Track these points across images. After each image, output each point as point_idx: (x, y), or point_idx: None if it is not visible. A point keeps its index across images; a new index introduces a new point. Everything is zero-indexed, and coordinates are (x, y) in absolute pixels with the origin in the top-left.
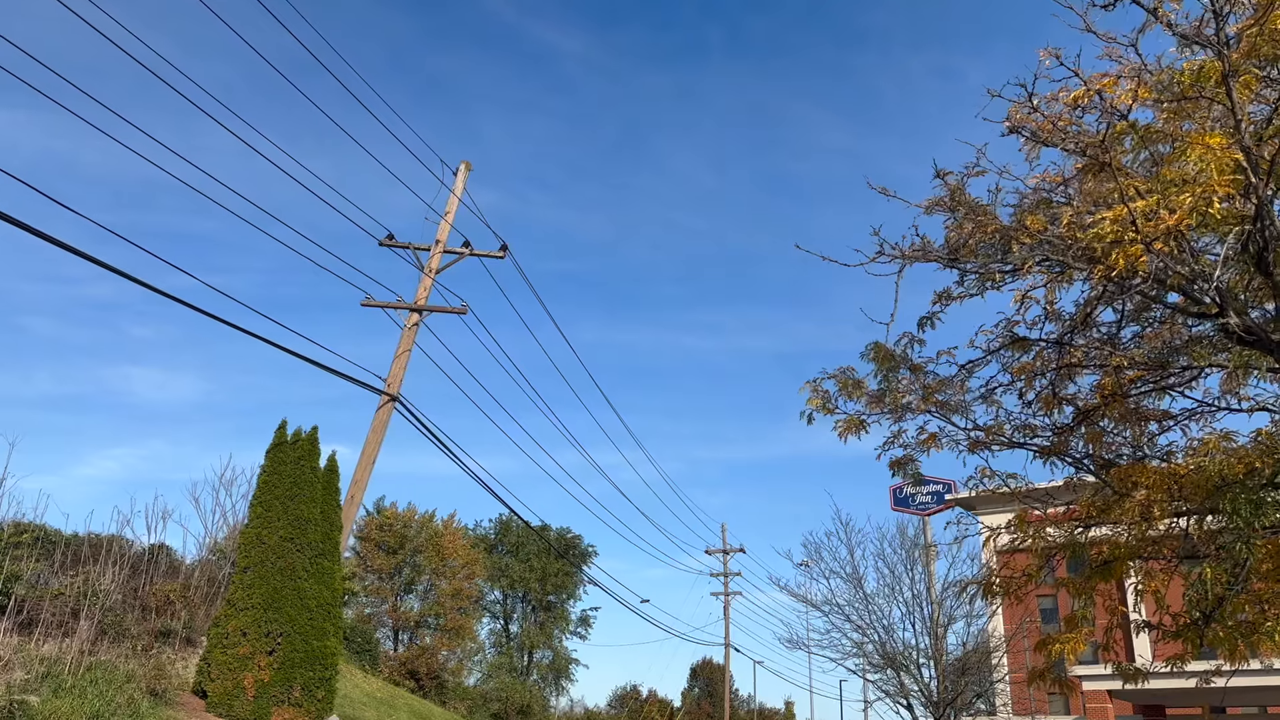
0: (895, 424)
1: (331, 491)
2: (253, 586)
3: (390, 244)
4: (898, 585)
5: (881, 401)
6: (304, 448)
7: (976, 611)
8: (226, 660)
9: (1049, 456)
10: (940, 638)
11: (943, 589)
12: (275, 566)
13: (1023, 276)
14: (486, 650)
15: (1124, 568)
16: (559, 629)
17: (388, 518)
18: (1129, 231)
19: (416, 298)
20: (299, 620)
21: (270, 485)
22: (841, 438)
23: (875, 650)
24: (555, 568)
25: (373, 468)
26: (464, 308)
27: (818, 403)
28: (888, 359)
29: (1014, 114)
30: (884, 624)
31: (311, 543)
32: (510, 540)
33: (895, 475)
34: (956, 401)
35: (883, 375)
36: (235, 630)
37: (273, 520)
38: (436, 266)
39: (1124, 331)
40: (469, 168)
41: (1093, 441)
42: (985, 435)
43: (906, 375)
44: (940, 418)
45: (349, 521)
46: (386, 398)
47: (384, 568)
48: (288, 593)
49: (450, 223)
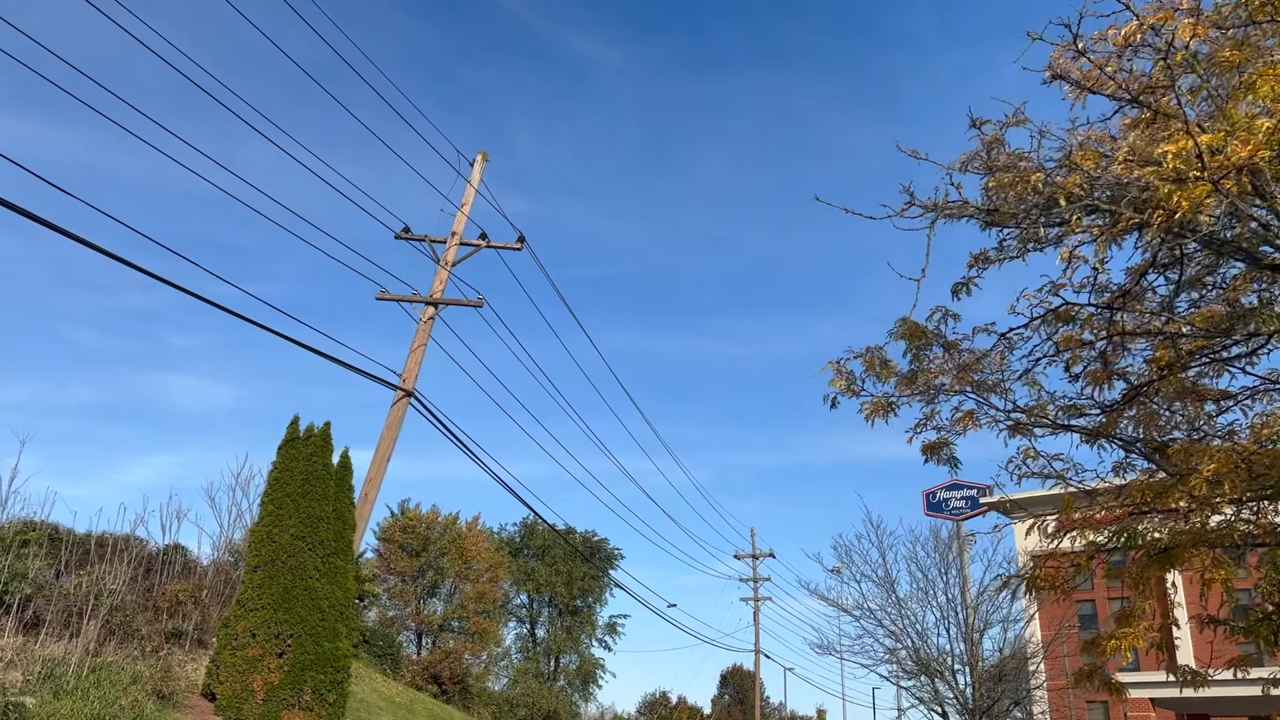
0: (928, 405)
1: (345, 489)
2: (263, 586)
3: (406, 237)
4: (931, 589)
5: (913, 383)
6: (316, 444)
7: (1013, 616)
8: (235, 662)
9: (1096, 440)
10: (976, 643)
11: (978, 593)
12: (286, 566)
13: (1071, 231)
14: (513, 655)
15: (1187, 555)
16: (585, 634)
17: (410, 519)
18: (1193, 168)
19: (432, 291)
20: (310, 621)
21: (281, 482)
22: (868, 421)
23: (909, 656)
24: (581, 571)
25: (387, 465)
26: (480, 300)
27: (842, 384)
28: (918, 336)
29: (1056, 59)
30: (917, 629)
31: (323, 541)
32: (536, 543)
33: (929, 460)
34: (994, 381)
35: (913, 354)
36: (245, 631)
37: (284, 518)
38: (453, 259)
39: (1180, 300)
40: (485, 158)
41: (1144, 423)
42: (1027, 417)
43: (939, 354)
44: (977, 398)
45: (363, 520)
46: (401, 393)
47: (407, 570)
48: (299, 593)
49: (467, 214)
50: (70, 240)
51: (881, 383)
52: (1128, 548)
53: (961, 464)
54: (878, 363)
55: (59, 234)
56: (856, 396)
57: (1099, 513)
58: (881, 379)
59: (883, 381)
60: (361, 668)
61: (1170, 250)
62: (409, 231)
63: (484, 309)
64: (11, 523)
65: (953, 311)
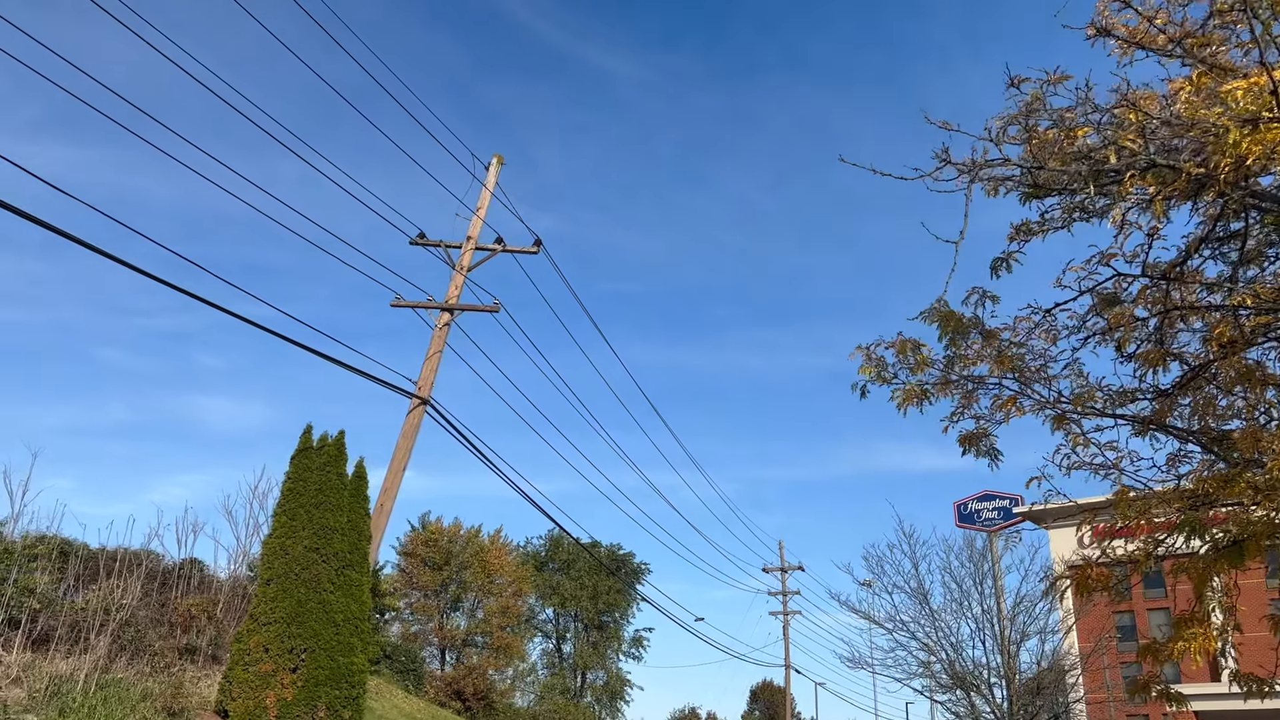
0: (960, 393)
1: (360, 499)
2: (276, 600)
3: (421, 242)
4: (966, 600)
5: (949, 373)
6: (330, 454)
7: (1050, 627)
8: (248, 678)
9: (1147, 430)
10: (1012, 655)
11: (1014, 603)
12: (300, 579)
13: (1123, 194)
14: (539, 670)
15: (1260, 548)
16: (612, 649)
17: (433, 533)
18: (1265, 107)
19: (447, 297)
20: (324, 635)
21: (295, 493)
22: (900, 409)
23: (943, 670)
24: (607, 585)
25: (403, 474)
26: (496, 305)
27: (871, 371)
28: (954, 323)
29: (1101, 12)
30: (952, 641)
31: (338, 553)
32: (561, 557)
33: (966, 452)
34: (1037, 367)
35: (948, 338)
36: (257, 646)
37: (297, 529)
38: (468, 264)
39: (1241, 275)
40: (501, 161)
41: (1201, 410)
42: (1073, 404)
43: (978, 340)
44: (1018, 383)
45: (379, 531)
46: (417, 401)
47: (429, 584)
48: (312, 606)
49: (482, 218)
50: (101, 259)
51: (914, 374)
52: (1191, 540)
53: (1003, 456)
54: (909, 348)
55: (95, 253)
56: (887, 384)
57: (1155, 505)
58: (914, 371)
59: (915, 373)
60: (382, 684)
61: (1235, 213)
62: (424, 237)
63: (500, 315)
64: (22, 537)
65: (990, 293)
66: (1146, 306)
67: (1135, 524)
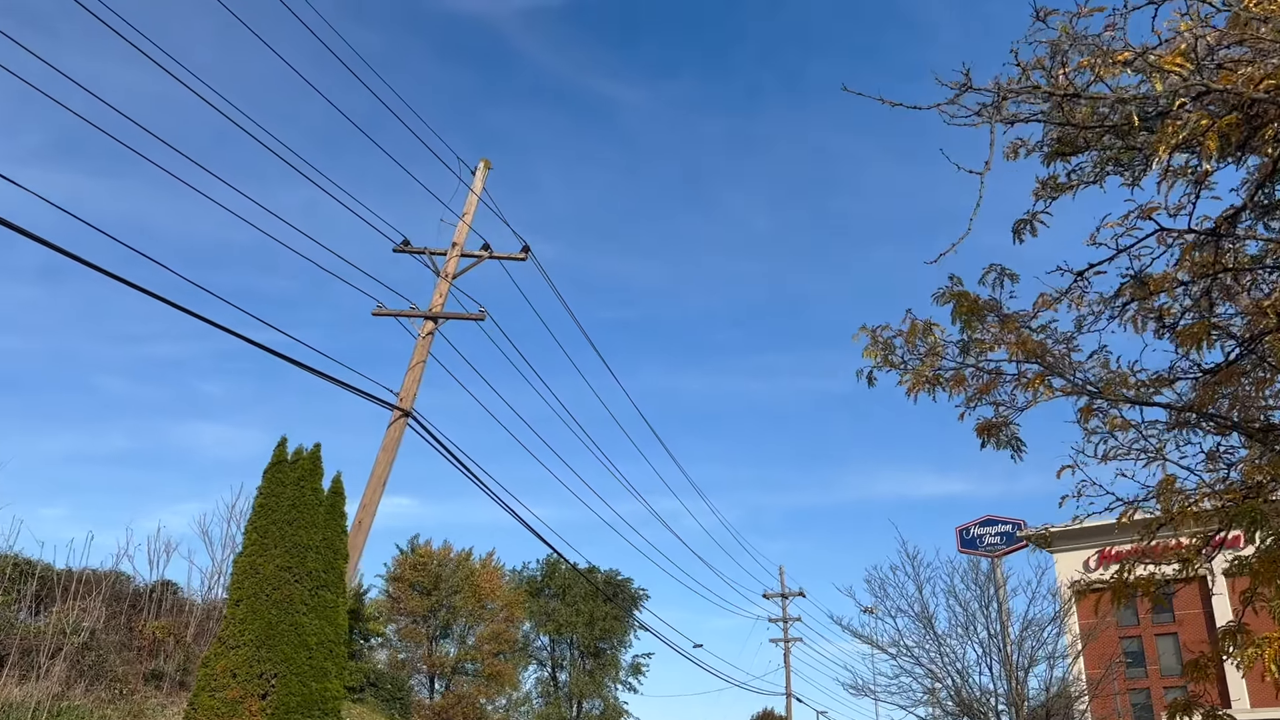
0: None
1: (337, 516)
2: (245, 621)
3: (405, 249)
4: (972, 624)
5: (964, 358)
6: (305, 467)
7: (1059, 652)
8: (214, 705)
9: (1183, 425)
10: (1020, 682)
11: (1022, 627)
12: (270, 599)
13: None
14: (533, 700)
15: None
16: (609, 677)
17: (422, 556)
18: None
19: (431, 305)
20: (296, 660)
21: (267, 509)
22: (910, 395)
23: (949, 696)
24: (604, 611)
25: (383, 490)
26: (482, 314)
27: (877, 354)
28: (968, 304)
29: None
30: (958, 667)
31: (312, 572)
32: (557, 583)
33: (985, 443)
34: (1061, 353)
35: (963, 321)
36: (224, 671)
37: (269, 547)
38: (453, 271)
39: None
40: (489, 166)
41: (1242, 403)
42: (1102, 392)
43: (995, 323)
44: (1039, 365)
45: (356, 550)
46: (399, 413)
47: (418, 610)
48: (284, 628)
49: (469, 224)
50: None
51: (922, 357)
52: (1251, 534)
53: (1026, 448)
54: (920, 331)
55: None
56: (895, 369)
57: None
58: (927, 363)
59: (926, 363)
60: (367, 712)
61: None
62: (408, 244)
63: (488, 325)
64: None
65: (1009, 270)
66: (1190, 270)
67: (1179, 516)
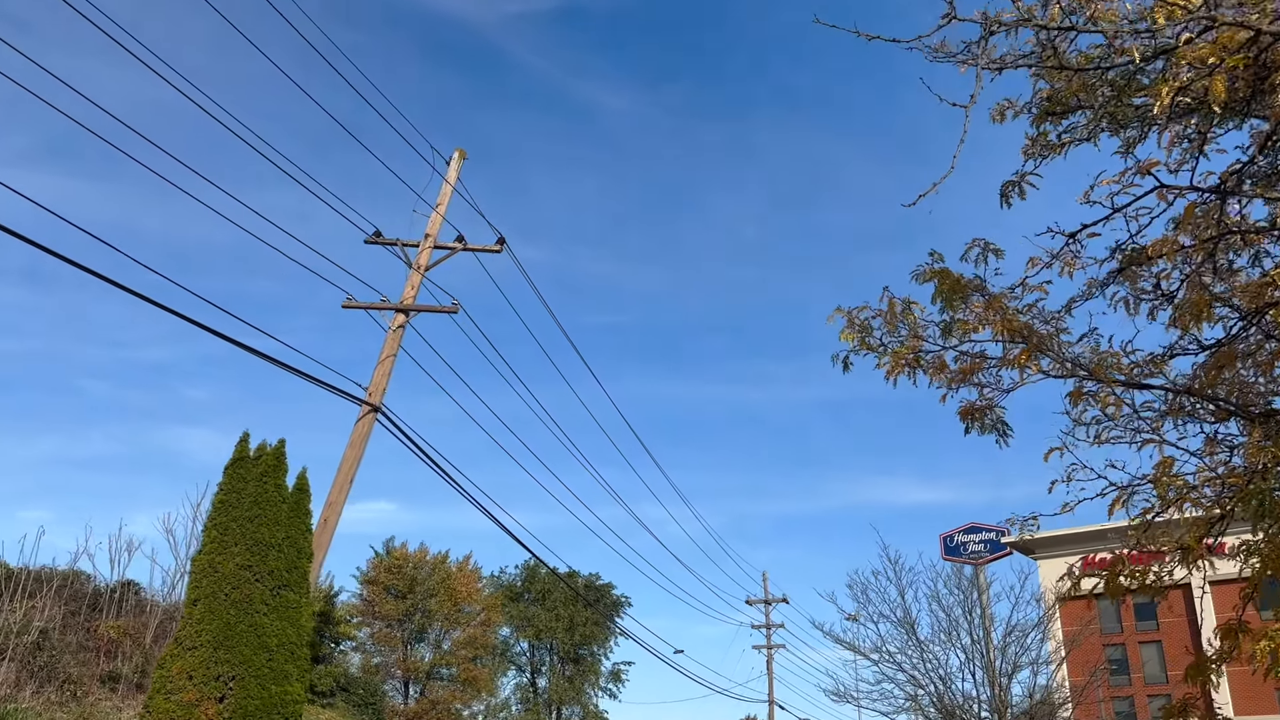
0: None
1: (300, 514)
2: (202, 622)
3: (377, 241)
4: (955, 630)
5: (946, 340)
6: (268, 463)
7: (1043, 658)
8: (170, 708)
9: (1180, 408)
10: (1003, 689)
11: (1005, 633)
12: (229, 599)
13: (1172, 71)
14: (512, 706)
15: None
16: (589, 684)
17: (396, 559)
18: None
19: (403, 297)
20: (255, 661)
21: (227, 505)
22: (889, 379)
23: (931, 703)
24: (584, 617)
25: (350, 487)
26: (455, 306)
27: (853, 336)
28: (951, 284)
29: None
30: (940, 674)
31: (273, 571)
32: (537, 588)
33: (969, 429)
34: (1049, 333)
35: (944, 299)
36: (180, 673)
37: (229, 545)
38: (426, 263)
39: None
40: (463, 155)
41: (1240, 389)
42: (1092, 374)
43: (979, 302)
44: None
45: (321, 549)
46: (367, 408)
47: (392, 613)
48: (243, 629)
49: (443, 215)
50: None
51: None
52: (1261, 517)
53: (1012, 432)
54: (898, 308)
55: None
56: (873, 352)
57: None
58: (907, 346)
59: (907, 345)
60: (336, 718)
61: None
62: (380, 236)
63: (461, 318)
64: None
65: (994, 245)
66: (1192, 233)
67: (1177, 502)
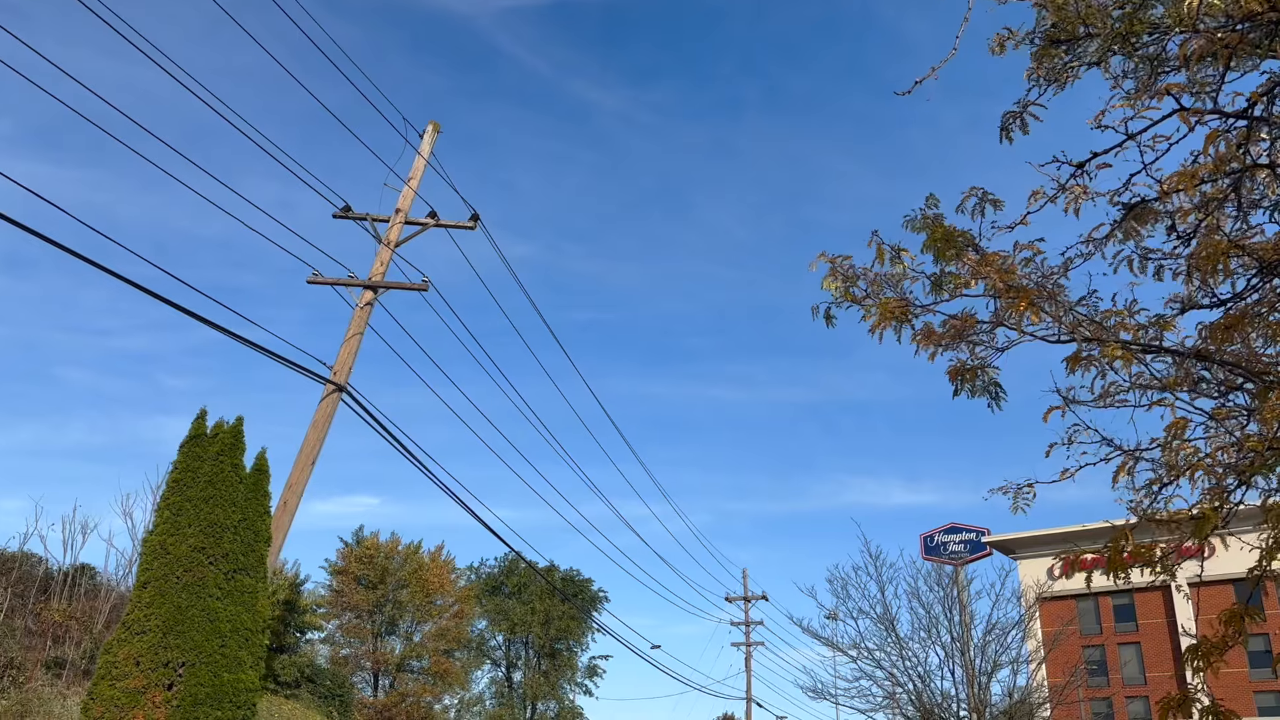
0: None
1: (259, 495)
2: (152, 605)
3: (346, 215)
4: (934, 628)
5: (938, 294)
6: (225, 442)
7: (1023, 657)
8: (114, 695)
9: (1189, 376)
10: (983, 688)
11: (985, 631)
12: (181, 582)
13: None
14: (486, 700)
15: None
16: (565, 679)
17: (367, 549)
18: None
19: (371, 274)
20: (207, 648)
21: (181, 484)
22: (874, 334)
23: (909, 701)
24: (560, 611)
25: (312, 469)
26: (425, 284)
27: (836, 285)
28: (944, 234)
29: None
30: (919, 672)
31: (228, 554)
32: (514, 581)
33: (959, 390)
34: (1050, 290)
35: (935, 253)
36: (127, 658)
37: (182, 526)
38: (396, 238)
39: None
40: (437, 129)
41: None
42: (1092, 335)
43: (974, 257)
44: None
45: (280, 532)
46: (331, 387)
47: (363, 604)
48: (195, 614)
49: (415, 189)
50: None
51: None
52: None
53: (1006, 396)
54: (888, 254)
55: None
56: (857, 304)
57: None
58: (895, 299)
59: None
60: (300, 709)
61: None
62: (350, 210)
63: (431, 296)
64: None
65: (992, 195)
66: (1214, 165)
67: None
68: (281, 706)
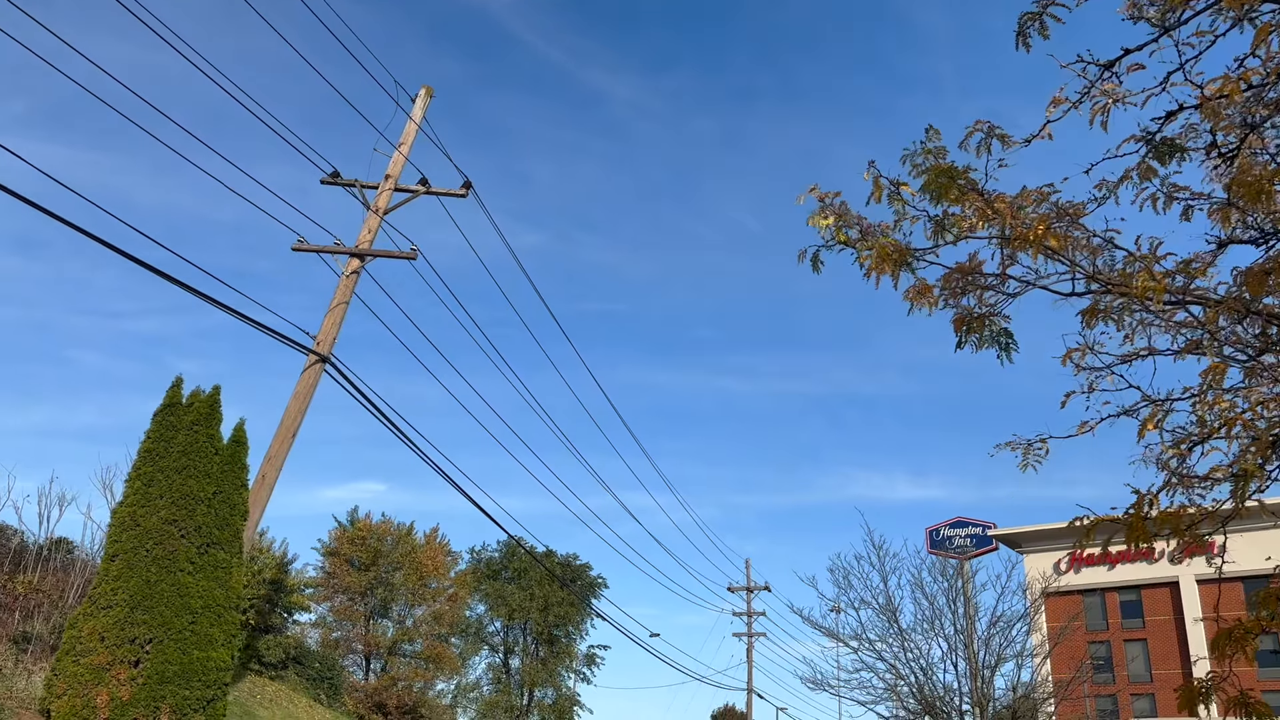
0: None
1: (236, 467)
2: (120, 579)
3: (334, 181)
4: (938, 619)
5: (938, 238)
6: (200, 411)
7: (1027, 650)
8: (78, 671)
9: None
10: (986, 681)
11: (989, 623)
12: (150, 555)
13: None
14: (483, 686)
15: None
16: (563, 666)
17: (360, 530)
18: None
19: (359, 241)
20: (176, 624)
21: (154, 455)
22: (870, 277)
23: (911, 693)
24: (559, 597)
25: (293, 441)
26: (414, 252)
27: (828, 223)
28: (943, 177)
29: None
30: (921, 664)
31: (201, 527)
32: (515, 566)
33: (963, 341)
34: (1064, 233)
35: (933, 195)
36: (92, 634)
37: (154, 498)
38: (385, 205)
39: None
40: (430, 93)
41: None
42: (1110, 286)
43: (978, 198)
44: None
45: (258, 506)
46: (314, 357)
47: (355, 586)
48: (164, 588)
49: (406, 155)
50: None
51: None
52: None
53: (1017, 346)
54: (885, 188)
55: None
56: (850, 246)
57: None
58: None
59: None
60: (286, 690)
61: None
62: (338, 176)
63: (420, 264)
64: None
65: (1000, 130)
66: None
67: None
68: (265, 688)
